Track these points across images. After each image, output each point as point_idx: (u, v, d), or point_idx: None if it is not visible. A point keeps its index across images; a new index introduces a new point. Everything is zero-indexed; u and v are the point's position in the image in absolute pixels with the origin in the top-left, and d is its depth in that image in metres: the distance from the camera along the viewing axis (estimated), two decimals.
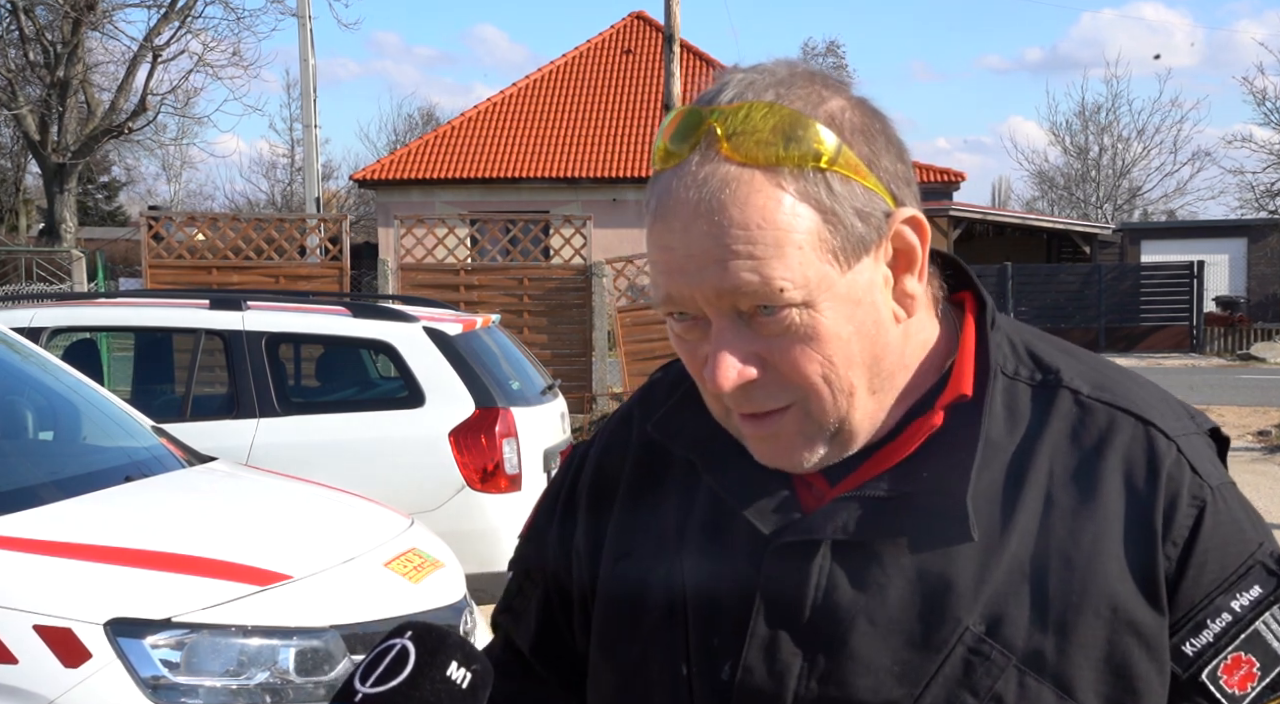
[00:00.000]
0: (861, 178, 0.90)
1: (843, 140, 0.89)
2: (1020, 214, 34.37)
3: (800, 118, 0.88)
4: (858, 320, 0.90)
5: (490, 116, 27.26)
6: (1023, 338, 1.00)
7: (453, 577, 3.73)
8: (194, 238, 11.53)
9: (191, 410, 5.73)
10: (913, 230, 0.92)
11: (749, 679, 0.93)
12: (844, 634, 0.91)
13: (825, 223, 0.88)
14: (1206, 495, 0.91)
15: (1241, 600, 0.90)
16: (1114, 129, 44.04)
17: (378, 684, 0.93)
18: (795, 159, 0.87)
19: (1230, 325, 25.89)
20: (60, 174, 25.68)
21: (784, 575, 0.93)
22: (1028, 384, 0.96)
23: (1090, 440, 0.93)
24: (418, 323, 5.65)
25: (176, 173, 46.12)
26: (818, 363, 0.90)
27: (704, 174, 0.88)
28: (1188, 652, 0.89)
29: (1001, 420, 0.94)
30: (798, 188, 0.87)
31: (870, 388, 0.92)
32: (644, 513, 1.04)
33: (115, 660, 2.74)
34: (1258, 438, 12.45)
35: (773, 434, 0.93)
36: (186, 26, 25.74)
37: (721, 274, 0.87)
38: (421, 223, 11.72)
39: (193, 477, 3.99)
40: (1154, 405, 0.95)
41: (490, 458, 5.32)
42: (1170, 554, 0.89)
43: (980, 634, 0.88)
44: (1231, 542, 0.91)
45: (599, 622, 1.05)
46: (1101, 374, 0.98)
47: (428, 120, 47.38)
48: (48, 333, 5.66)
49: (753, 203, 0.87)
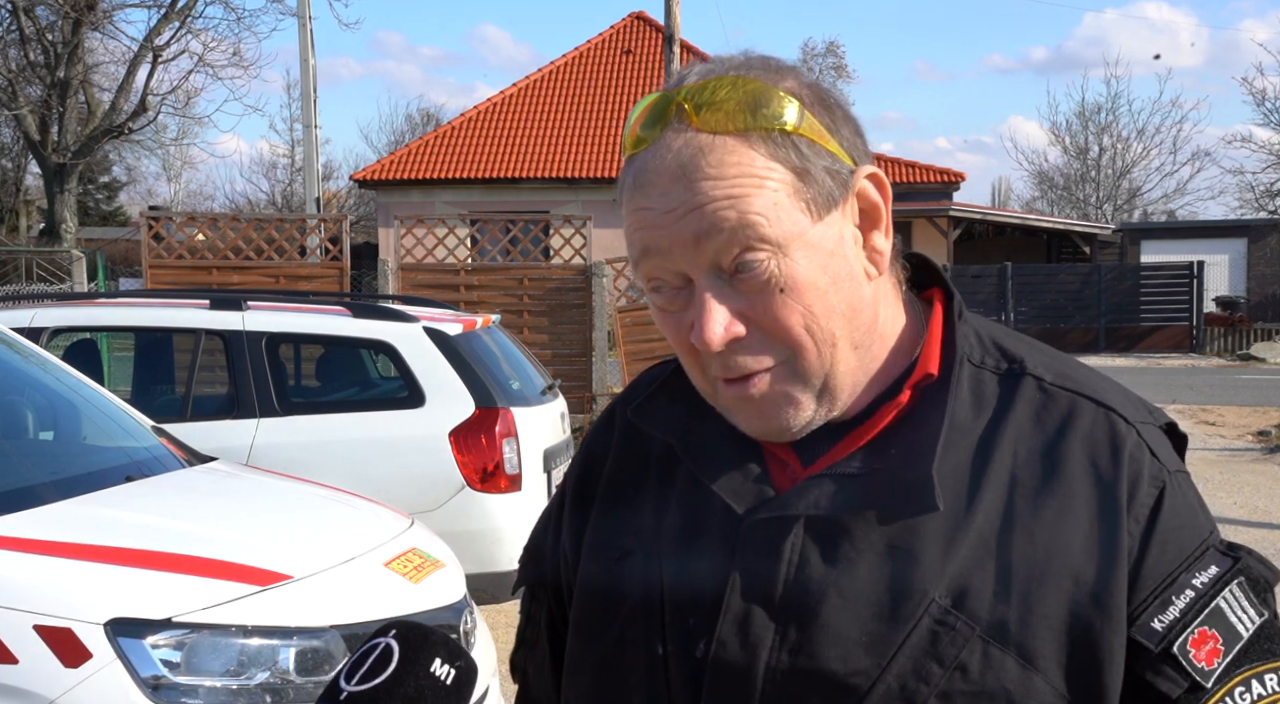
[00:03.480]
0: (825, 142, 0.94)
1: (805, 108, 0.94)
2: (1020, 214, 34.37)
3: (765, 88, 0.93)
4: (833, 270, 0.94)
5: (490, 116, 27.27)
6: (989, 331, 1.04)
7: (453, 577, 3.73)
8: (194, 238, 11.54)
9: (191, 410, 5.73)
10: (874, 187, 0.97)
11: (722, 653, 0.95)
12: (815, 607, 0.93)
13: (797, 177, 0.92)
14: (1165, 478, 0.95)
15: (1202, 577, 0.93)
16: (1114, 129, 44.06)
17: (363, 682, 0.95)
18: (763, 124, 0.92)
19: (1230, 325, 25.89)
20: (60, 174, 25.69)
21: (758, 552, 0.96)
22: (994, 372, 1.00)
23: (1053, 423, 0.96)
24: (418, 323, 5.65)
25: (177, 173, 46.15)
26: (799, 313, 0.93)
27: (678, 144, 0.92)
28: (1157, 627, 0.91)
29: (968, 405, 0.97)
30: (769, 149, 0.92)
31: (851, 341, 0.96)
32: (623, 504, 1.07)
33: (115, 660, 2.74)
34: (1258, 438, 12.45)
35: (759, 393, 0.95)
36: (186, 26, 25.77)
37: (700, 219, 0.91)
38: (421, 223, 11.73)
39: (193, 477, 3.99)
40: (1114, 395, 1.00)
41: (490, 458, 5.33)
42: (1133, 531, 0.93)
43: (946, 606, 0.91)
44: (1188, 525, 0.95)
45: (577, 612, 1.07)
46: (1064, 365, 1.02)
47: (428, 120, 47.41)
48: (48, 333, 5.66)
49: (727, 161, 0.91)
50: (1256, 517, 8.58)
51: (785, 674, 0.93)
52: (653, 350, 11.29)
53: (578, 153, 26.16)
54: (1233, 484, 9.82)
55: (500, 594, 5.33)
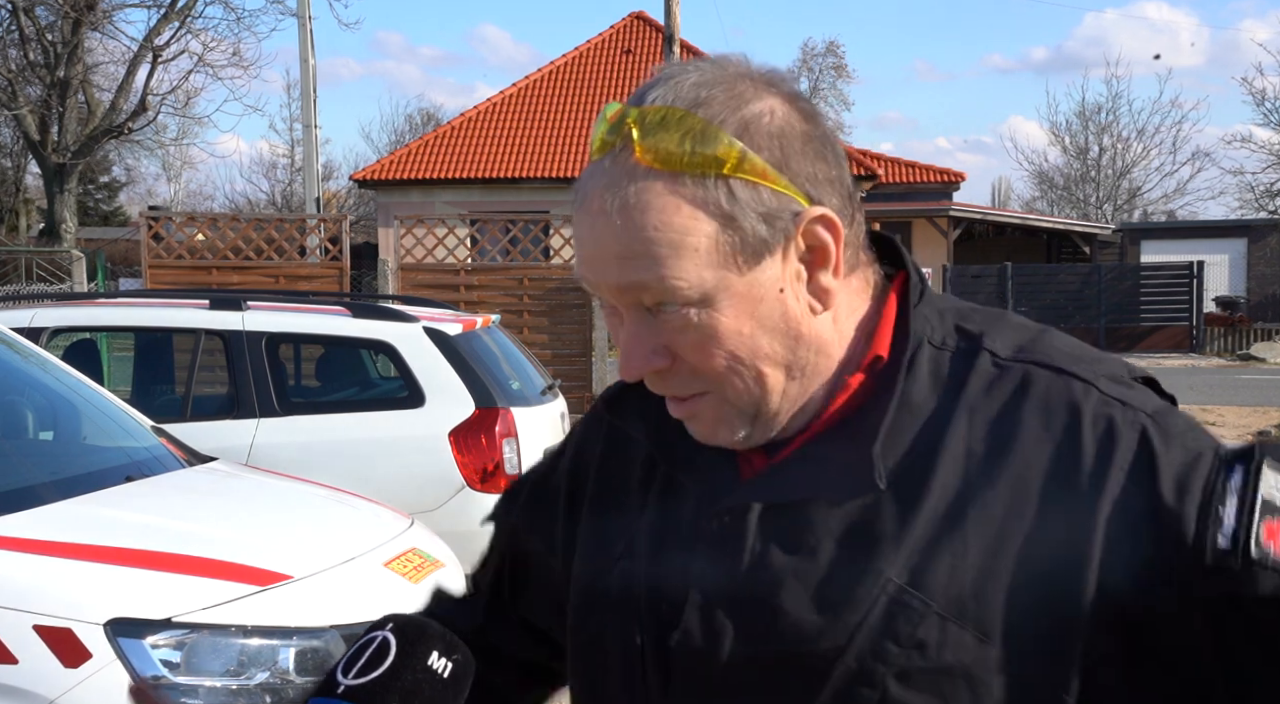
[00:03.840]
0: (769, 182, 0.92)
1: (752, 147, 0.92)
2: (1020, 214, 34.37)
3: (708, 127, 0.91)
4: (760, 316, 0.94)
5: (490, 116, 27.26)
6: (955, 311, 1.03)
7: (453, 577, 3.73)
8: (194, 238, 11.54)
9: (191, 410, 5.73)
10: (824, 229, 0.95)
11: (688, 642, 0.98)
12: (774, 594, 0.95)
13: (723, 229, 0.91)
14: (1143, 420, 0.93)
15: (1235, 479, 0.91)
16: (1114, 129, 44.08)
17: (360, 676, 0.95)
18: (699, 165, 0.91)
19: (1230, 325, 25.89)
20: (60, 174, 25.69)
21: (720, 542, 0.98)
22: (951, 352, 1.00)
23: (1005, 394, 0.96)
24: (418, 323, 5.65)
25: (176, 173, 46.15)
26: (721, 358, 0.94)
27: (615, 173, 0.93)
28: (1223, 544, 0.89)
29: (927, 386, 0.97)
30: (696, 195, 0.91)
31: (787, 373, 0.96)
32: (608, 512, 1.10)
33: (115, 660, 2.74)
34: (1258, 438, 12.45)
35: (695, 415, 0.99)
36: (186, 26, 25.77)
37: (621, 271, 0.93)
38: (421, 223, 11.73)
39: (193, 477, 3.99)
40: (1073, 356, 0.98)
41: (490, 458, 5.32)
42: (1130, 475, 0.90)
43: (901, 584, 0.92)
44: (1186, 446, 0.93)
45: (571, 606, 1.10)
46: (1025, 338, 1.01)
47: (428, 120, 47.41)
48: (48, 333, 5.66)
49: (653, 206, 0.91)
50: None
51: (747, 660, 0.95)
52: None
53: (578, 153, 26.15)
54: None
55: None
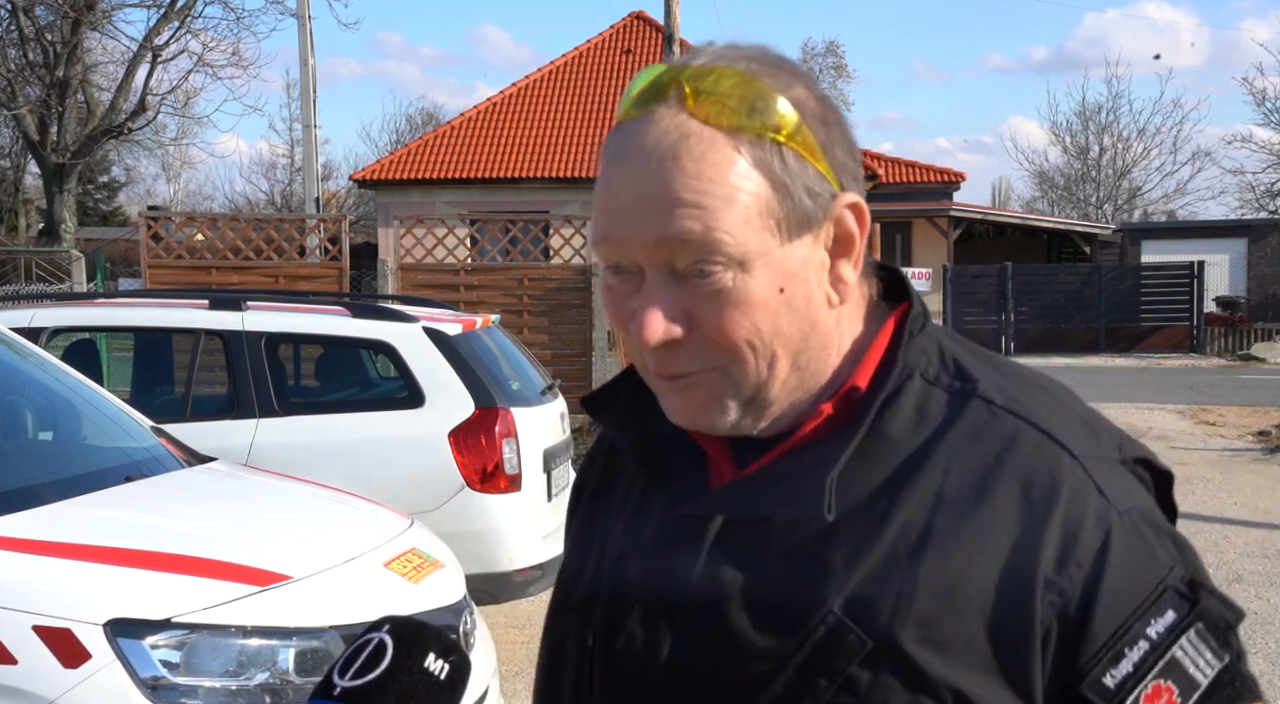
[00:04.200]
0: (815, 160, 0.92)
1: (804, 120, 0.92)
2: (1020, 214, 34.38)
3: (767, 90, 0.91)
4: (789, 292, 0.92)
5: (490, 116, 27.26)
6: (954, 349, 1.00)
7: (452, 577, 3.73)
8: (193, 238, 11.53)
9: (191, 410, 5.73)
10: (854, 216, 0.95)
11: (630, 644, 0.97)
12: (718, 608, 0.93)
13: (774, 192, 0.91)
14: (1113, 519, 0.90)
15: (1157, 627, 0.88)
16: (1114, 129, 44.11)
17: (356, 677, 0.95)
18: (756, 127, 0.90)
19: (1230, 325, 25.88)
20: (60, 174, 25.68)
21: (674, 550, 0.97)
22: (944, 390, 0.97)
23: (991, 447, 0.92)
24: (417, 323, 5.65)
25: (176, 173, 46.19)
26: (745, 328, 0.92)
27: (666, 125, 0.91)
28: (1109, 684, 0.87)
29: (910, 421, 0.95)
30: (754, 155, 0.90)
31: (794, 363, 0.95)
32: (596, 508, 1.11)
33: (115, 661, 2.74)
34: (1258, 438, 12.44)
35: (687, 390, 0.95)
36: (186, 26, 25.77)
37: (665, 220, 0.89)
38: (421, 223, 11.72)
39: (192, 477, 3.99)
40: (1066, 426, 0.95)
41: (490, 458, 5.32)
42: (1074, 576, 0.88)
43: (840, 616, 0.89)
44: (1142, 567, 0.89)
45: (548, 610, 1.12)
46: (1021, 390, 0.97)
47: (429, 120, 47.41)
48: (48, 333, 5.66)
49: (708, 158, 0.89)
50: (1256, 517, 8.58)
51: (682, 671, 0.94)
52: None
53: (578, 153, 26.15)
54: (1233, 484, 9.82)
55: (500, 594, 5.33)
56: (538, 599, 6.05)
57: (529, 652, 5.68)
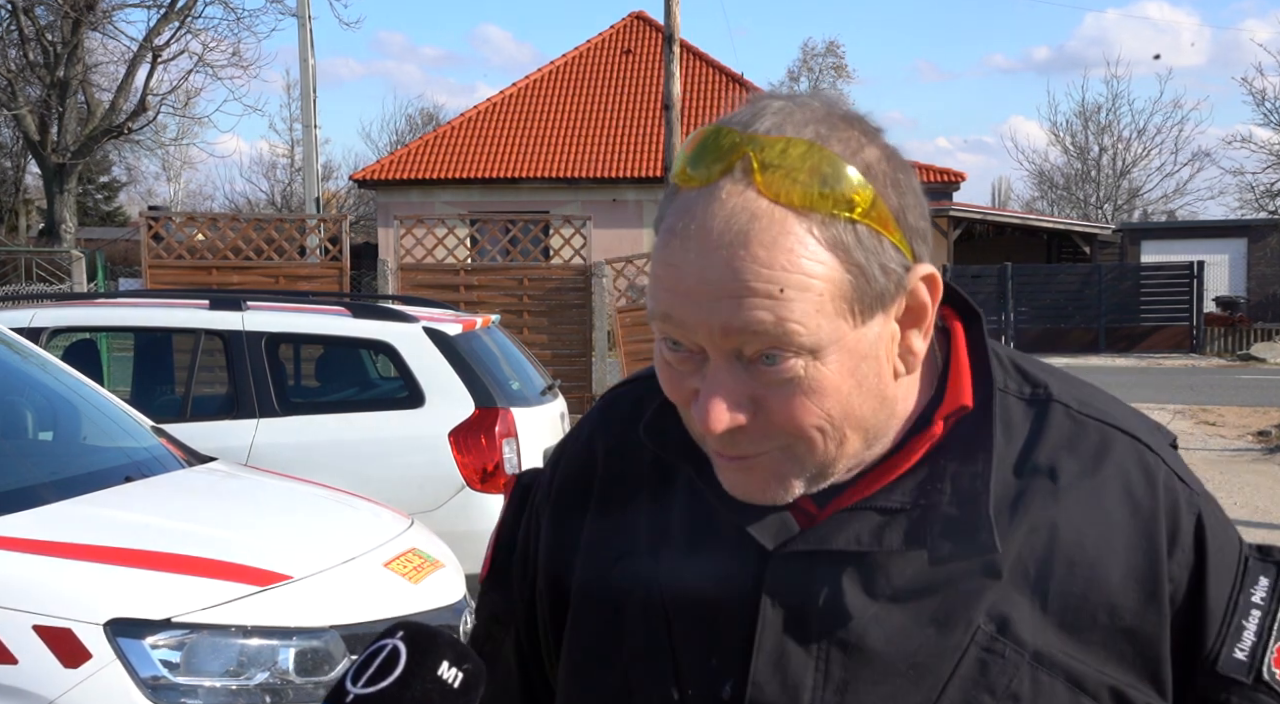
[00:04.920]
0: (889, 233, 0.87)
1: (877, 191, 0.87)
2: (1020, 214, 34.38)
3: (839, 163, 0.86)
4: (861, 374, 0.88)
5: (490, 116, 27.26)
6: (1008, 354, 1.01)
7: (452, 577, 3.73)
8: (194, 238, 11.53)
9: (191, 410, 5.73)
10: (927, 288, 0.91)
11: (760, 695, 0.91)
12: (857, 643, 0.90)
13: (848, 273, 0.86)
14: (1200, 503, 0.94)
15: (1259, 592, 0.93)
16: (1114, 129, 44.11)
17: (369, 684, 0.93)
18: (829, 205, 0.85)
19: (1230, 325, 25.89)
20: (60, 174, 25.69)
21: (790, 586, 0.92)
22: (1018, 398, 0.97)
23: (1088, 452, 0.94)
24: (418, 323, 5.65)
25: (176, 173, 46.15)
26: (815, 415, 0.88)
27: (733, 205, 0.85)
28: (1241, 658, 0.91)
29: (1001, 433, 0.94)
30: (827, 235, 0.85)
31: (865, 437, 0.91)
32: (614, 530, 1.02)
33: (115, 661, 2.74)
34: (1258, 438, 12.44)
35: (748, 470, 0.91)
36: (186, 26, 25.77)
37: (735, 310, 0.84)
38: (421, 223, 11.72)
39: (193, 477, 3.99)
40: (1134, 422, 0.98)
41: (490, 458, 5.32)
42: (1183, 563, 0.92)
43: (992, 633, 0.89)
44: (1227, 542, 0.94)
45: (571, 648, 1.02)
46: (1083, 391, 1.00)
47: (428, 121, 47.41)
48: (48, 333, 5.66)
49: (780, 244, 0.84)
50: (1257, 517, 8.58)
51: None
52: (653, 350, 11.25)
53: (578, 153, 26.15)
54: (1233, 484, 9.82)
55: None
56: None
57: None
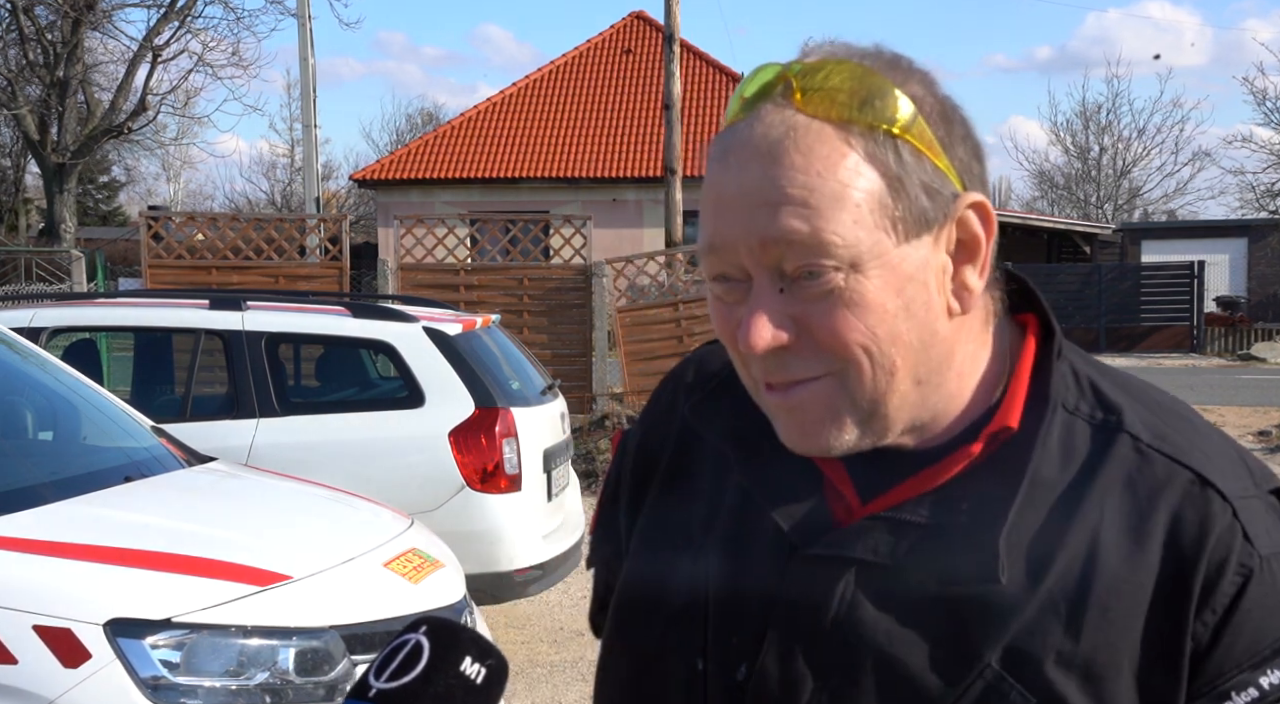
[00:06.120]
0: (934, 156, 0.86)
1: (921, 115, 0.86)
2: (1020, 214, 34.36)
3: (881, 82, 0.86)
4: (907, 296, 0.86)
5: (490, 116, 27.27)
6: (1088, 371, 0.95)
7: (453, 577, 3.73)
8: (194, 238, 11.53)
9: (191, 410, 5.73)
10: (979, 218, 0.89)
11: (763, 684, 0.91)
12: (862, 656, 0.88)
13: (889, 188, 0.85)
14: (1255, 565, 0.87)
15: (1271, 678, 0.86)
16: (1115, 129, 44.10)
17: (391, 680, 0.93)
18: (868, 120, 0.85)
19: (1231, 325, 25.88)
20: (60, 174, 25.69)
21: (807, 587, 0.91)
22: (1087, 421, 0.92)
23: (1145, 491, 0.88)
24: (418, 323, 5.65)
25: (176, 173, 46.16)
26: (859, 332, 0.85)
27: (771, 120, 0.85)
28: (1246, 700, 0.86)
29: (1056, 456, 0.90)
30: (866, 148, 0.84)
31: (915, 376, 0.88)
32: (675, 502, 1.02)
33: (115, 661, 2.74)
34: (1258, 438, 12.44)
35: (800, 404, 0.89)
36: (186, 26, 25.77)
37: (771, 218, 0.84)
38: (421, 223, 11.72)
39: (192, 477, 3.99)
40: (1215, 462, 0.90)
41: (490, 458, 5.32)
42: (1207, 621, 0.86)
43: (1000, 671, 0.85)
44: (1271, 615, 0.87)
45: (617, 608, 1.03)
46: (1164, 422, 0.93)
47: (428, 120, 47.40)
48: (48, 333, 5.65)
49: (816, 151, 0.84)
50: None
51: None
52: (653, 350, 11.28)
53: (578, 153, 26.15)
54: None
55: (500, 594, 5.33)
56: (538, 599, 6.05)
57: (529, 652, 5.68)
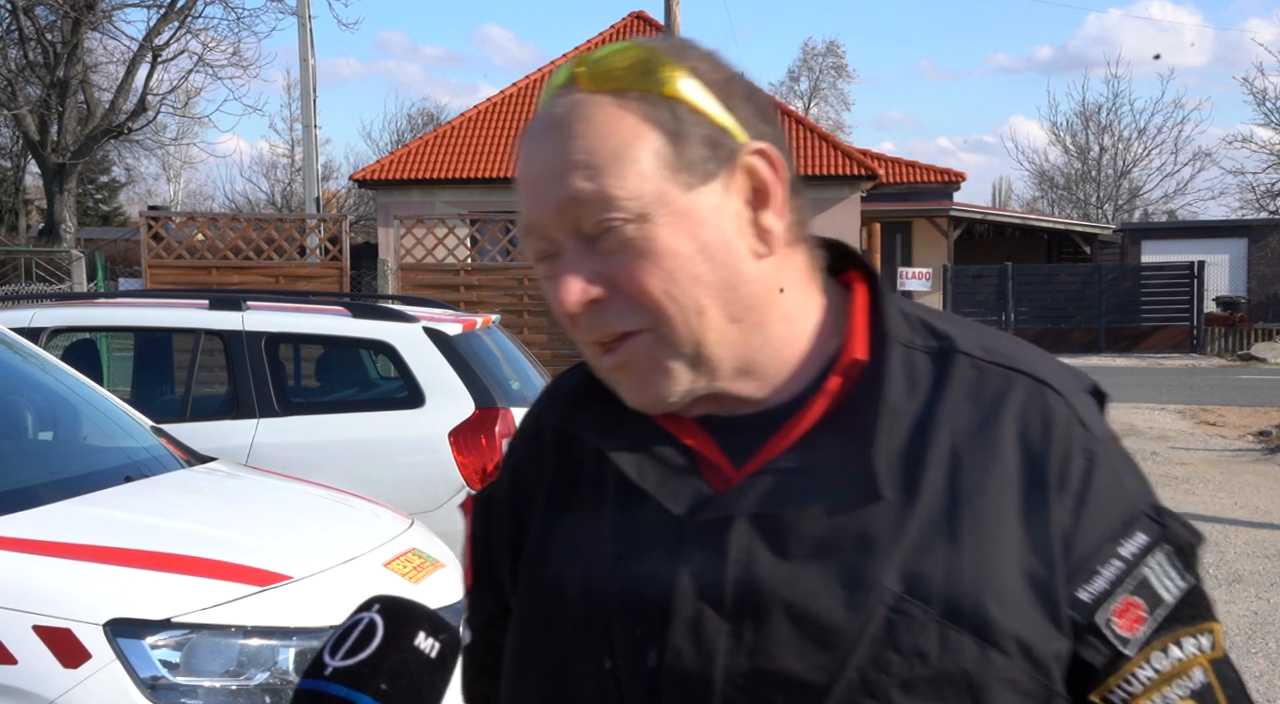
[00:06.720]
0: (709, 114, 0.94)
1: (695, 79, 0.94)
2: (1021, 214, 34.39)
3: (657, 55, 0.94)
4: (701, 240, 0.92)
5: (490, 116, 27.26)
6: (915, 310, 1.03)
7: (452, 577, 3.73)
8: (193, 238, 11.54)
9: (191, 410, 5.73)
10: (765, 163, 0.95)
11: (677, 661, 0.93)
12: (767, 606, 0.92)
13: (668, 143, 0.92)
14: (1096, 448, 0.95)
15: (1130, 547, 0.93)
16: (1115, 129, 44.12)
17: (347, 657, 0.95)
18: (643, 86, 0.93)
19: (1231, 325, 25.89)
20: (60, 174, 25.69)
21: (703, 554, 0.94)
22: (924, 352, 0.98)
23: (988, 400, 0.95)
24: (418, 323, 5.65)
25: (176, 173, 46.15)
26: (658, 278, 0.92)
27: (561, 102, 0.94)
28: (1083, 598, 0.92)
29: (903, 387, 0.96)
30: (642, 110, 0.92)
31: (729, 314, 0.94)
32: (559, 515, 1.04)
33: (115, 661, 2.74)
34: (1258, 438, 12.44)
35: (630, 360, 0.95)
36: (186, 26, 25.79)
37: (561, 184, 0.92)
38: (421, 223, 11.73)
39: (192, 477, 3.99)
40: (1043, 365, 0.99)
41: (490, 458, 5.32)
42: (1066, 504, 0.92)
43: (899, 592, 0.90)
44: (1117, 493, 0.95)
45: (516, 627, 1.05)
46: (992, 340, 1.01)
47: (429, 120, 47.41)
48: (48, 333, 5.65)
49: (594, 119, 0.92)
50: (1257, 517, 8.58)
51: (744, 677, 0.91)
52: None
53: None
54: (1233, 484, 9.82)
55: None
56: None
57: None
